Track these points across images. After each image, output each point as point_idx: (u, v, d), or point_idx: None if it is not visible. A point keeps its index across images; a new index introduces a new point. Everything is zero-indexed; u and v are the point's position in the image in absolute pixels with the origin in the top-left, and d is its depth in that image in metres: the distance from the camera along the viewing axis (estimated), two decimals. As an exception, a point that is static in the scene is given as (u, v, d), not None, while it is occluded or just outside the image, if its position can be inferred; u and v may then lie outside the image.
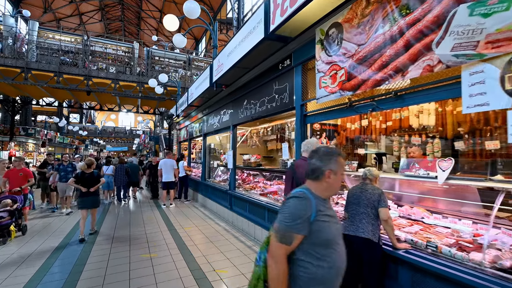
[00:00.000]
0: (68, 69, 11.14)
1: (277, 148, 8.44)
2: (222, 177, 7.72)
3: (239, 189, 5.97)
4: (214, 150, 8.26)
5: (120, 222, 6.02)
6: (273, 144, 7.60)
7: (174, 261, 3.84)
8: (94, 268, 3.61)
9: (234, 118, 5.92)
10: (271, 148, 8.71)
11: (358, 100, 2.84)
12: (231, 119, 6.05)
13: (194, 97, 7.39)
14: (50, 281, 3.23)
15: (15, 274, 3.41)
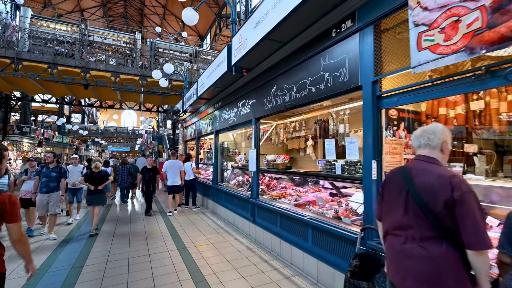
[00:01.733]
0: (64, 60, 10.11)
1: (299, 147, 7.32)
2: (236, 180, 6.60)
3: (263, 196, 4.85)
4: (227, 149, 7.15)
5: (118, 236, 4.92)
6: (294, 142, 6.48)
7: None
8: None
9: (257, 110, 4.81)
10: (292, 147, 7.58)
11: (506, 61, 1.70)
12: (253, 111, 4.94)
13: (205, 88, 6.29)
14: None
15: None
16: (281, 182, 5.48)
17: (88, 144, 35.02)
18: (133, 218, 6.47)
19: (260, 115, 4.71)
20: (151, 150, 30.54)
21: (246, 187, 5.77)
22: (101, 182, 5.19)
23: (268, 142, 6.40)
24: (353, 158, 3.22)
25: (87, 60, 10.47)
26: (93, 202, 5.14)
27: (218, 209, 6.73)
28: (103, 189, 5.28)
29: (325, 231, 3.09)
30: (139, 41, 11.81)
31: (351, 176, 3.24)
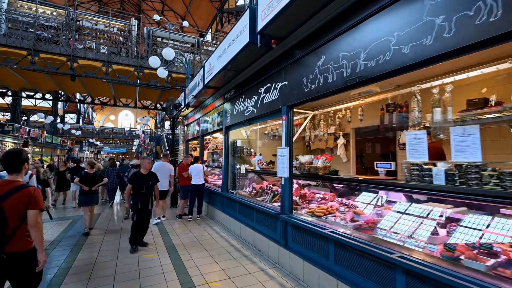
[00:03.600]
0: (47, 47, 8.79)
1: (326, 147, 6.07)
2: (253, 188, 5.31)
3: (298, 211, 3.58)
4: (240, 149, 5.86)
5: (100, 264, 3.61)
6: (320, 141, 5.22)
7: None
8: None
9: (290, 95, 3.54)
10: (317, 147, 6.34)
11: None
12: (284, 96, 3.67)
13: (215, 73, 5.01)
14: None
15: None
16: (312, 189, 4.19)
17: (82, 145, 33.46)
18: (123, 238, 5.14)
19: (296, 101, 3.43)
20: (149, 151, 29.13)
21: (268, 197, 4.49)
22: (95, 183, 5.39)
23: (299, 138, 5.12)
24: (468, 160, 1.99)
25: (74, 47, 9.14)
26: (88, 202, 5.27)
27: (230, 223, 5.42)
28: (96, 189, 5.52)
29: (436, 281, 1.81)
30: (135, 27, 10.52)
31: (476, 190, 1.98)
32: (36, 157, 20.21)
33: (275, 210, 3.72)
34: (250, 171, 5.68)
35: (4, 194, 1.88)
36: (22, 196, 1.92)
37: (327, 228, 2.83)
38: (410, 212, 2.64)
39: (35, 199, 1.95)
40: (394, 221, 2.62)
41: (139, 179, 4.26)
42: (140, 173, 4.32)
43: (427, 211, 2.52)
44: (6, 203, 1.86)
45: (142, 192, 4.21)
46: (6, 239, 1.84)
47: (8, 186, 1.93)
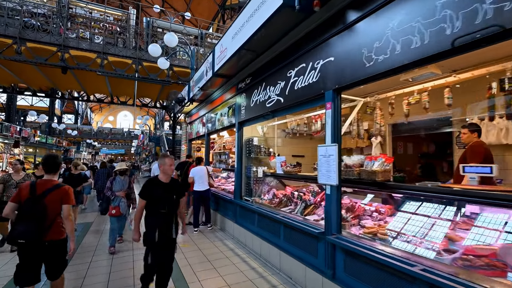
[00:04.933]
0: (35, 35, 7.87)
1: (357, 147, 5.18)
2: (274, 195, 4.38)
3: (346, 229, 2.67)
4: (257, 148, 4.94)
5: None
6: (349, 139, 4.33)
7: None
8: None
9: (339, 74, 2.64)
10: (344, 146, 5.44)
11: None
12: (328, 77, 2.77)
13: (229, 55, 4.11)
14: None
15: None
16: (350, 197, 3.27)
17: (78, 146, 32.48)
18: (116, 254, 4.20)
19: (349, 82, 2.51)
20: (148, 152, 28.16)
21: (298, 208, 3.57)
22: (79, 184, 5.50)
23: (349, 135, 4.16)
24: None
25: (65, 36, 8.23)
26: None
27: (246, 238, 4.50)
28: (81, 190, 5.72)
29: None
30: (133, 15, 9.62)
31: None
32: (31, 158, 19.26)
33: (316, 228, 2.80)
34: (269, 175, 4.77)
35: (45, 191, 2.21)
36: (59, 193, 2.26)
37: (413, 263, 1.91)
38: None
39: (69, 196, 2.32)
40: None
41: (157, 191, 2.55)
42: (158, 181, 2.62)
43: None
44: (47, 199, 2.19)
45: (162, 213, 2.51)
46: (46, 229, 2.16)
47: (47, 185, 2.26)
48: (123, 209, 4.27)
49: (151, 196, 2.52)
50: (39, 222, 2.12)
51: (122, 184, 4.37)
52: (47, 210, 2.16)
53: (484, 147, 2.77)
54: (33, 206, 2.14)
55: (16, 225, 2.12)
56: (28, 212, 2.13)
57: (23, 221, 2.11)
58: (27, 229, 2.08)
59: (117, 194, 4.25)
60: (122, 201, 4.28)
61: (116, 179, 4.38)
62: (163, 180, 2.62)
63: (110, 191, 4.29)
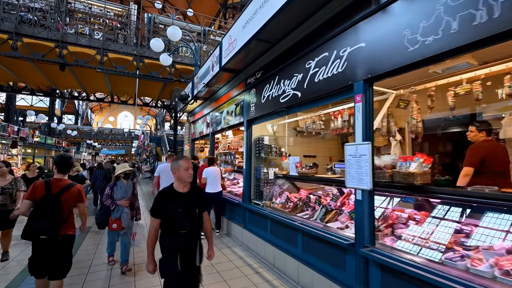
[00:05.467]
0: (31, 30, 7.54)
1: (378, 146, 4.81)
2: (287, 199, 4.03)
3: (378, 239, 2.32)
4: (268, 147, 4.58)
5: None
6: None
7: None
8: None
9: (372, 62, 2.30)
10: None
11: None
12: (358, 66, 2.43)
13: (239, 46, 3.77)
14: None
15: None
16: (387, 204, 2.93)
17: (78, 147, 32.18)
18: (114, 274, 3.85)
19: (385, 70, 2.17)
20: (148, 153, 27.82)
21: (317, 214, 3.21)
22: None
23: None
24: None
25: (64, 31, 7.90)
26: None
27: (257, 245, 4.15)
28: None
29: None
30: (134, 10, 9.29)
31: None
32: (29, 158, 18.92)
33: (344, 239, 2.45)
34: (280, 177, 4.42)
35: (60, 190, 2.38)
36: (73, 192, 2.46)
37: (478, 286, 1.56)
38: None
39: (82, 194, 2.57)
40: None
41: (173, 206, 1.91)
42: (174, 192, 1.98)
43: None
44: (63, 197, 2.37)
45: (183, 233, 1.88)
46: (61, 225, 2.33)
47: (61, 184, 2.43)
48: (126, 222, 3.43)
49: (167, 214, 1.88)
50: (56, 218, 2.28)
51: (125, 190, 3.51)
52: (62, 207, 2.33)
53: (483, 148, 2.54)
54: (50, 204, 2.28)
55: (32, 221, 2.23)
56: (45, 209, 2.26)
57: (40, 218, 2.24)
58: (46, 226, 2.22)
59: (119, 203, 3.41)
60: (124, 211, 3.43)
61: (118, 185, 3.51)
62: (180, 190, 1.97)
63: (110, 200, 3.42)
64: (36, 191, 2.32)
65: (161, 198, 1.95)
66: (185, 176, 1.95)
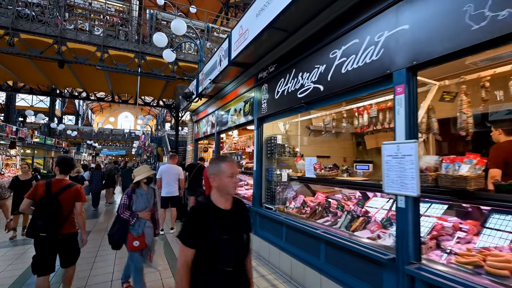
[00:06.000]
0: (29, 26, 7.23)
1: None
2: (303, 203, 3.69)
3: (424, 253, 1.97)
4: (281, 147, 4.24)
5: None
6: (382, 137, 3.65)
7: None
8: None
9: (419, 46, 1.96)
10: (375, 145, 4.80)
11: None
12: (398, 52, 2.09)
13: (252, 37, 3.45)
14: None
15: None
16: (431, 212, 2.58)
17: (79, 147, 31.89)
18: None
19: (440, 53, 1.83)
20: (149, 153, 27.49)
21: (342, 221, 2.87)
22: None
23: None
24: None
25: (63, 27, 7.59)
26: None
27: (271, 253, 3.81)
28: None
29: None
30: (136, 6, 8.98)
31: None
32: (28, 159, 18.59)
33: (384, 253, 2.11)
34: (295, 179, 4.08)
35: (59, 190, 2.46)
36: (72, 192, 2.52)
37: None
38: None
39: (81, 194, 2.59)
40: None
41: (215, 230, 1.33)
42: (215, 208, 1.39)
43: None
44: (61, 197, 2.44)
45: (227, 272, 1.33)
46: (61, 223, 2.42)
47: (60, 184, 2.50)
48: (150, 239, 2.82)
49: (207, 242, 1.30)
50: (55, 217, 2.38)
51: (147, 199, 2.89)
52: (62, 207, 2.42)
53: (502, 150, 2.46)
54: (49, 203, 2.39)
55: (34, 220, 2.36)
56: (45, 208, 2.37)
57: (41, 217, 2.36)
58: (45, 224, 2.34)
59: (140, 215, 2.79)
60: (147, 225, 2.83)
61: (137, 193, 2.87)
62: (222, 205, 1.40)
63: (129, 212, 2.76)
64: (37, 190, 2.42)
65: (198, 217, 1.35)
66: (229, 186, 1.38)
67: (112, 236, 2.75)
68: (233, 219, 1.41)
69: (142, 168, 3.00)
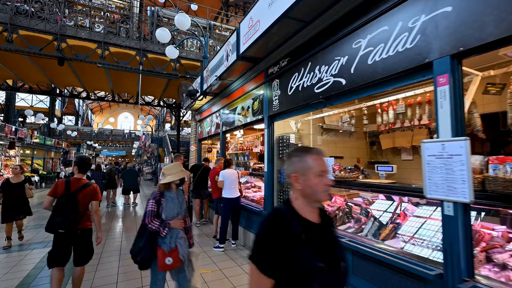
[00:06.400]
0: (28, 22, 6.98)
1: (411, 145, 4.28)
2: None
3: (476, 269, 1.71)
4: (294, 147, 3.99)
5: None
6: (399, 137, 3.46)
7: None
8: None
9: (467, 29, 1.71)
10: (391, 145, 4.56)
11: None
12: (440, 38, 1.83)
13: (265, 28, 3.20)
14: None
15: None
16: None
17: (79, 148, 31.68)
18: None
19: (499, 36, 1.58)
20: (150, 154, 27.25)
21: (368, 228, 2.61)
22: None
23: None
24: None
25: (62, 23, 7.34)
26: None
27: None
28: None
29: None
30: (137, 2, 8.74)
31: None
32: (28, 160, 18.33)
33: (429, 268, 1.85)
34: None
35: (78, 188, 2.60)
36: (89, 191, 2.66)
37: None
38: None
39: (97, 193, 2.73)
40: None
41: (305, 252, 0.91)
42: (301, 220, 0.98)
43: None
44: (80, 195, 2.58)
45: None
46: (78, 220, 2.56)
47: (79, 183, 2.64)
48: (185, 251, 2.28)
49: (291, 269, 0.90)
50: (73, 214, 2.52)
51: (179, 204, 2.36)
52: (79, 205, 2.57)
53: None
54: (68, 201, 2.52)
55: (54, 217, 2.51)
56: (64, 206, 2.51)
57: (60, 214, 2.49)
58: (64, 221, 2.48)
59: (172, 224, 2.25)
60: (180, 236, 2.28)
61: (167, 197, 2.31)
62: (309, 215, 1.01)
63: (159, 221, 2.20)
64: (58, 188, 2.58)
65: (279, 232, 0.94)
66: (319, 189, 0.99)
67: (139, 254, 2.16)
68: (326, 237, 1.02)
69: (174, 167, 2.40)
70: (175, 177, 2.34)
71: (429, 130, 3.96)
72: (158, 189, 2.35)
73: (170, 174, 2.34)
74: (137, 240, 2.24)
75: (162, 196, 2.30)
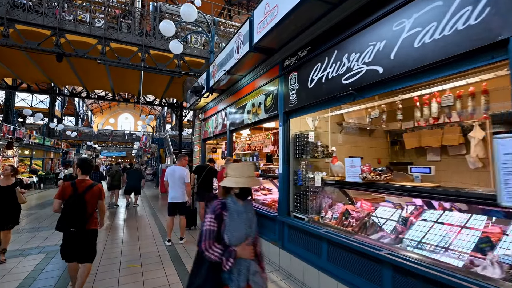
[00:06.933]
0: (25, 16, 6.66)
1: (441, 145, 3.92)
2: (347, 214, 3.08)
3: None
4: (313, 146, 3.62)
5: None
6: (427, 136, 3.11)
7: None
8: None
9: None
10: (416, 145, 4.21)
11: None
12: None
13: (286, 12, 2.86)
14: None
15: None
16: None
17: (78, 149, 31.35)
18: None
19: None
20: (150, 155, 26.90)
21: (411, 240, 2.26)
22: None
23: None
24: None
25: (61, 17, 7.01)
26: None
27: (309, 275, 3.16)
28: None
29: None
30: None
31: None
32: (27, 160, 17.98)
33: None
34: (332, 183, 3.46)
35: (84, 189, 2.71)
36: (95, 191, 2.77)
37: None
38: None
39: (102, 193, 2.87)
40: None
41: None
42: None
43: None
44: (87, 196, 2.70)
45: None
46: (86, 219, 2.68)
47: (84, 184, 2.75)
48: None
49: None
50: (82, 214, 2.66)
51: (248, 221, 1.64)
52: (87, 204, 2.69)
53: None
54: (76, 202, 2.65)
55: (64, 216, 2.64)
56: (73, 206, 2.64)
57: (70, 214, 2.64)
58: (74, 221, 2.64)
59: (239, 252, 1.52)
60: (252, 268, 1.58)
61: (231, 209, 1.60)
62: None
63: (219, 247, 1.51)
64: (65, 190, 2.67)
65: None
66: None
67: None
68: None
69: (245, 167, 1.68)
70: (249, 182, 1.62)
71: (462, 128, 3.61)
72: (219, 196, 1.69)
73: (238, 175, 1.61)
74: (194, 274, 1.57)
75: (224, 208, 1.57)
